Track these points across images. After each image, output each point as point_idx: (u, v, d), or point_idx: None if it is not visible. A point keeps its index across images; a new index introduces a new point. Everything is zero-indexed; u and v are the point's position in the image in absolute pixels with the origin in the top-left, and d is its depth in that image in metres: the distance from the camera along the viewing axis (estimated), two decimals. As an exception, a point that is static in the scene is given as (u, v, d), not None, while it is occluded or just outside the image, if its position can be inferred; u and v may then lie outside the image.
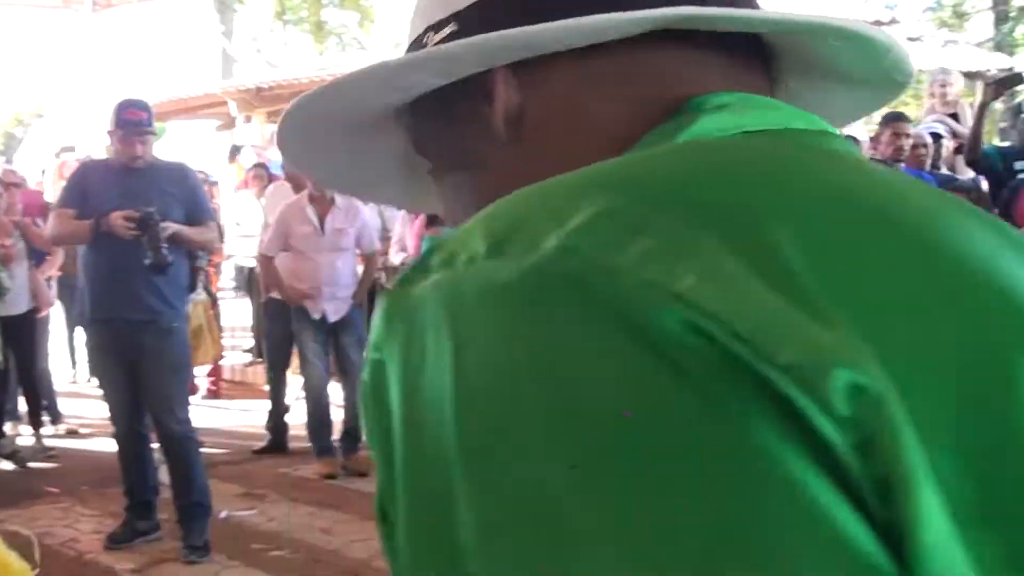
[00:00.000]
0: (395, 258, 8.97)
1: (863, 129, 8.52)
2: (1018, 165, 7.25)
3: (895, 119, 7.16)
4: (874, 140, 7.34)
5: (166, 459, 6.00)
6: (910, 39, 16.30)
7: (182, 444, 5.85)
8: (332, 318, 7.63)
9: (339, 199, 7.64)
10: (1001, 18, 24.29)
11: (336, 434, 7.82)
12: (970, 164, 7.19)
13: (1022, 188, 6.86)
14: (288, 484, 7.35)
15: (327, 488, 7.30)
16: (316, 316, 7.61)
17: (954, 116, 8.33)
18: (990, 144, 7.79)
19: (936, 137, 7.68)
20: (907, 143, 7.05)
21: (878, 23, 15.90)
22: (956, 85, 8.68)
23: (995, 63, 16.52)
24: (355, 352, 7.76)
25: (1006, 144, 7.56)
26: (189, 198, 6.01)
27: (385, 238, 9.37)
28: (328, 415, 7.82)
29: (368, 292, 7.98)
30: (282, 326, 8.03)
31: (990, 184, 7.06)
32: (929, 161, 7.38)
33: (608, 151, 0.64)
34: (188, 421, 5.94)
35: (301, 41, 27.51)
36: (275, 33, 25.97)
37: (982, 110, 7.30)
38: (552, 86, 0.70)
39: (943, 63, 15.81)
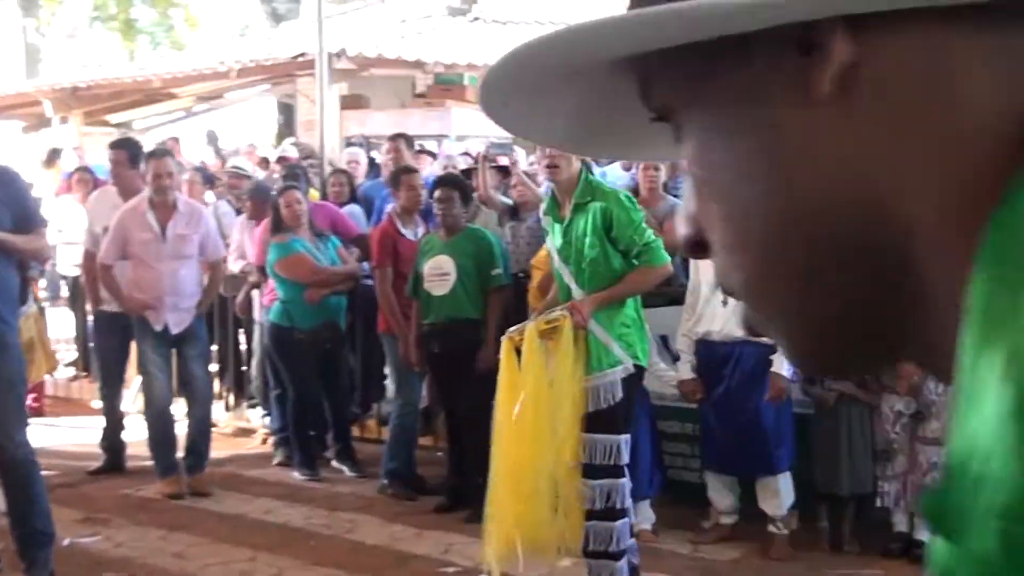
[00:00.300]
0: (234, 266, 8.61)
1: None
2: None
3: None
4: None
5: (3, 485, 5.56)
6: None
7: (22, 468, 5.42)
8: (175, 330, 7.25)
9: (182, 204, 7.29)
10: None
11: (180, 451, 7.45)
12: None
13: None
14: (132, 506, 6.97)
15: (175, 509, 6.95)
16: (158, 327, 7.22)
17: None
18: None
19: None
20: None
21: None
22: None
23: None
24: (199, 366, 7.42)
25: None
26: (16, 203, 5.56)
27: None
28: (172, 431, 7.45)
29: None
30: (115, 338, 7.63)
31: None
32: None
33: (972, 144, 0.56)
34: (27, 443, 5.49)
35: (110, 40, 26.50)
36: (85, 32, 24.92)
37: None
38: (905, 46, 0.59)
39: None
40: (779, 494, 6.10)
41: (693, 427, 6.61)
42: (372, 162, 10.51)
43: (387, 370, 8.87)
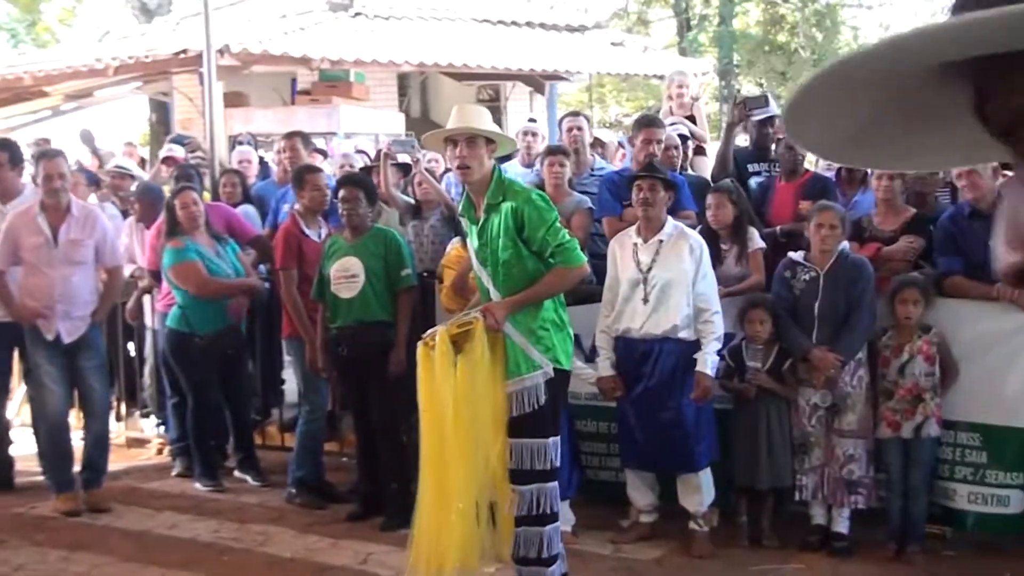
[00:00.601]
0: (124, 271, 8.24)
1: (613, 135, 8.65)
2: (751, 167, 7.54)
3: (648, 124, 7.22)
4: (630, 141, 7.39)
5: None
6: (613, 44, 16.80)
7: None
8: (67, 339, 6.90)
9: (75, 208, 6.96)
10: (684, 25, 25.57)
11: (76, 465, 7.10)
12: (715, 180, 7.34)
13: (768, 191, 7.11)
14: (27, 526, 6.62)
15: (74, 527, 6.62)
16: (50, 336, 6.87)
17: (690, 118, 8.54)
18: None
19: (683, 139, 7.83)
20: (659, 148, 7.13)
21: (582, 27, 16.28)
22: (692, 88, 8.90)
23: (693, 67, 17.28)
24: (96, 377, 7.08)
25: (740, 147, 7.82)
26: None
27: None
28: (68, 446, 7.11)
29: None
30: (2, 349, 7.25)
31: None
32: (679, 162, 7.52)
33: None
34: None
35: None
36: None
37: (730, 130, 7.51)
38: None
39: (644, 69, 16.43)
40: (700, 490, 6.08)
41: (610, 425, 6.55)
42: (261, 161, 10.22)
43: (285, 374, 8.69)
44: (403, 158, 8.04)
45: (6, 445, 7.61)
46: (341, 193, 6.61)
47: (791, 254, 6.25)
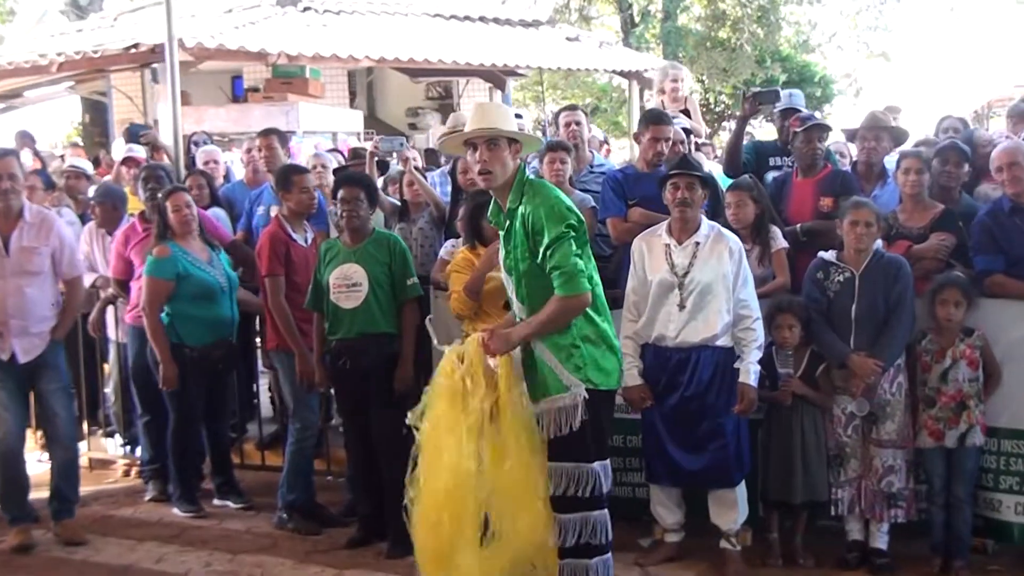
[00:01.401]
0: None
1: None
2: (772, 161, 7.19)
3: (655, 120, 6.83)
4: (636, 138, 7.00)
5: None
6: (568, 39, 16.42)
7: None
8: (23, 358, 6.30)
9: (28, 213, 6.36)
10: (627, 22, 25.29)
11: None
12: (728, 174, 7.00)
13: (785, 187, 6.74)
14: (-2, 563, 6.05)
15: (52, 564, 6.07)
16: (3, 356, 6.27)
17: (684, 112, 8.18)
18: (747, 142, 7.67)
19: (686, 133, 7.48)
20: (666, 146, 6.75)
21: (536, 22, 15.91)
22: (686, 81, 8.54)
23: (647, 63, 16.98)
24: (59, 401, 6.49)
25: (764, 140, 7.48)
26: None
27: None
28: (23, 475, 6.50)
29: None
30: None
31: (747, 178, 6.93)
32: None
33: None
34: None
35: None
36: None
37: (742, 124, 7.14)
38: None
39: (604, 64, 16.08)
40: (735, 507, 5.71)
41: (626, 438, 6.15)
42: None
43: (259, 387, 8.18)
44: (388, 158, 7.58)
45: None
46: (340, 193, 6.11)
47: (822, 254, 5.89)
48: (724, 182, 6.80)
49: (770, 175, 7.04)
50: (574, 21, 25.60)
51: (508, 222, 4.72)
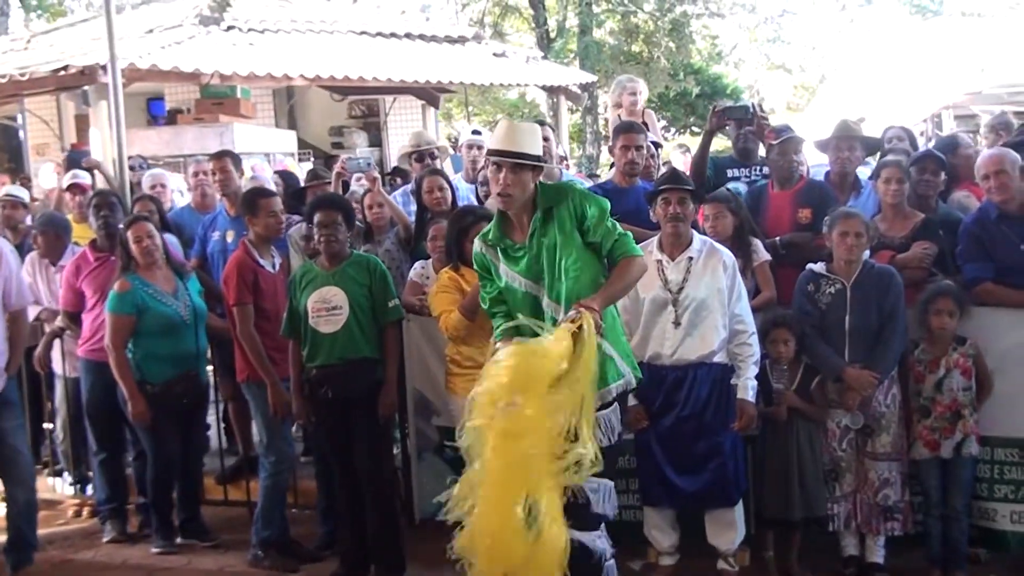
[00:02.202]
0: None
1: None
2: (730, 172, 7.13)
3: (627, 129, 6.75)
4: (611, 151, 6.90)
5: None
6: (495, 55, 16.32)
7: None
8: (-23, 396, 5.98)
9: (-24, 242, 6.03)
10: (543, 37, 25.28)
11: None
12: None
13: (761, 200, 6.68)
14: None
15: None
16: (-46, 394, 5.93)
17: (644, 125, 8.07)
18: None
19: (656, 146, 7.39)
20: (638, 155, 6.65)
21: (462, 39, 15.77)
22: (643, 95, 8.46)
23: (574, 78, 16.96)
24: (17, 438, 6.15)
25: (721, 155, 7.41)
26: None
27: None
28: (-24, 518, 6.19)
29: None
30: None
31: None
32: (655, 171, 7.06)
33: None
34: None
35: None
36: None
37: (708, 138, 7.05)
38: None
39: (531, 79, 16.00)
40: (733, 526, 5.61)
41: (619, 459, 5.99)
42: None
43: (210, 419, 7.88)
44: (355, 178, 7.36)
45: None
46: (317, 217, 5.87)
47: (812, 266, 5.82)
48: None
49: (731, 184, 6.97)
50: (490, 38, 25.52)
51: (535, 230, 4.58)
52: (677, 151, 12.65)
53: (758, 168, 7.09)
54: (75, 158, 9.17)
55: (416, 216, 7.18)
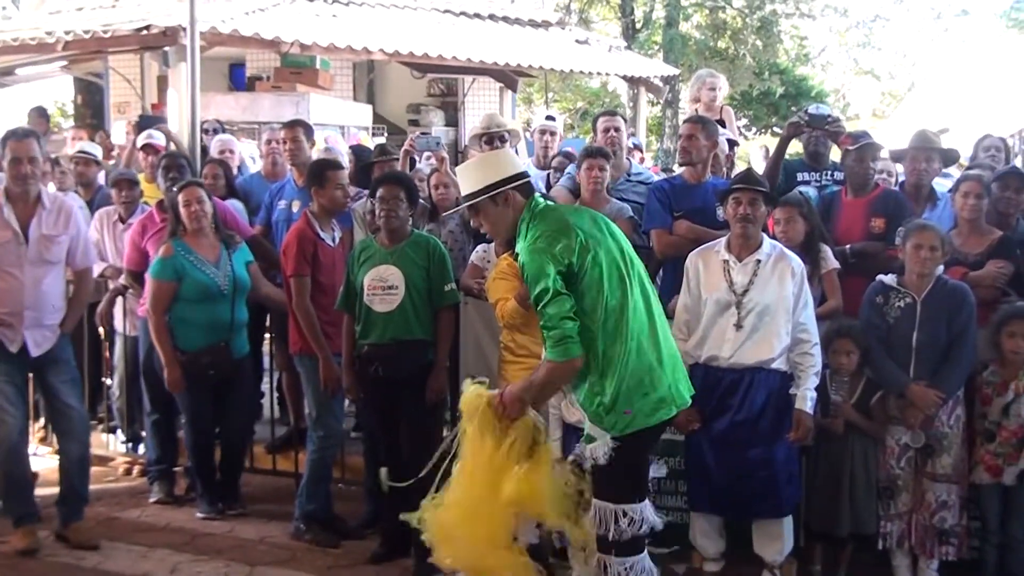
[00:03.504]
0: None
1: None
2: (800, 176, 6.97)
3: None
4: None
5: None
6: (578, 42, 16.18)
7: None
8: (35, 352, 5.99)
9: (47, 199, 6.04)
10: (629, 27, 25.06)
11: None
12: None
13: (833, 206, 6.51)
14: (3, 566, 5.71)
15: (60, 570, 5.74)
16: (13, 349, 5.94)
17: (720, 122, 7.92)
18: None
19: (731, 144, 7.24)
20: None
21: (545, 23, 15.67)
22: (723, 90, 8.30)
23: (656, 70, 16.76)
24: (71, 394, 6.18)
25: (792, 159, 7.22)
26: None
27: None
28: (27, 473, 6.21)
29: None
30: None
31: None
32: (727, 170, 6.92)
33: None
34: None
35: None
36: None
37: (782, 147, 6.87)
38: None
39: (612, 68, 15.84)
40: (781, 538, 5.47)
41: (668, 460, 5.87)
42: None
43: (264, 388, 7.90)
44: (424, 157, 7.29)
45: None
46: (380, 192, 5.82)
47: (882, 277, 5.65)
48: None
49: (801, 188, 6.80)
50: (575, 24, 25.36)
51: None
52: (760, 151, 12.44)
53: (828, 173, 6.93)
54: (145, 123, 9.19)
55: (482, 199, 7.08)
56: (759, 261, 5.32)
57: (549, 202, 4.51)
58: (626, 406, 4.25)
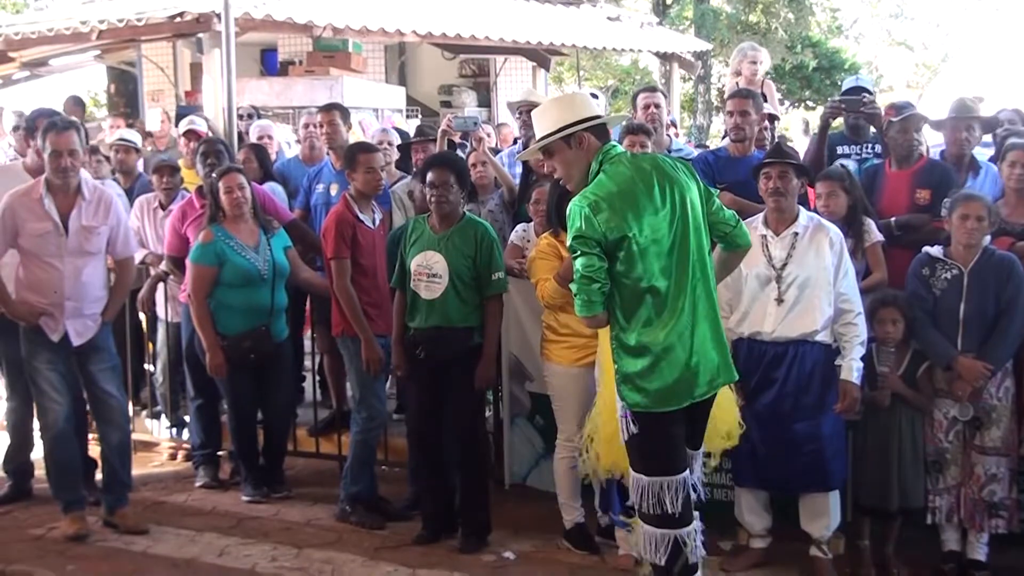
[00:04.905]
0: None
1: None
2: (840, 150, 6.92)
3: (735, 95, 6.65)
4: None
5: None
6: (609, 19, 16.10)
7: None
8: (76, 341, 6.02)
9: (86, 189, 6.06)
10: (660, 3, 24.91)
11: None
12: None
13: (877, 178, 6.44)
14: (52, 552, 5.77)
15: (110, 554, 5.79)
16: (55, 338, 5.98)
17: (762, 96, 7.84)
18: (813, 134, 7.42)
19: (771, 118, 7.17)
20: (744, 122, 6.49)
21: (576, 1, 15.56)
22: (764, 64, 8.22)
23: (688, 46, 16.65)
24: (111, 382, 6.22)
25: (832, 132, 7.16)
26: None
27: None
28: (76, 459, 6.26)
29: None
30: (16, 343, 6.34)
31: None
32: (769, 142, 6.86)
33: None
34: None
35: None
36: None
37: (824, 130, 6.81)
38: None
39: (645, 45, 15.75)
40: (828, 513, 5.43)
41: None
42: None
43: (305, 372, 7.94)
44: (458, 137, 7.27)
45: (27, 450, 6.78)
46: (429, 176, 5.79)
47: (928, 249, 5.59)
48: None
49: (842, 162, 6.75)
50: (605, 2, 25.23)
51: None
52: (800, 124, 12.35)
53: (869, 146, 6.88)
54: (184, 113, 9.22)
55: (521, 178, 7.08)
56: (796, 234, 5.29)
57: (626, 152, 4.48)
58: (635, 385, 4.32)
